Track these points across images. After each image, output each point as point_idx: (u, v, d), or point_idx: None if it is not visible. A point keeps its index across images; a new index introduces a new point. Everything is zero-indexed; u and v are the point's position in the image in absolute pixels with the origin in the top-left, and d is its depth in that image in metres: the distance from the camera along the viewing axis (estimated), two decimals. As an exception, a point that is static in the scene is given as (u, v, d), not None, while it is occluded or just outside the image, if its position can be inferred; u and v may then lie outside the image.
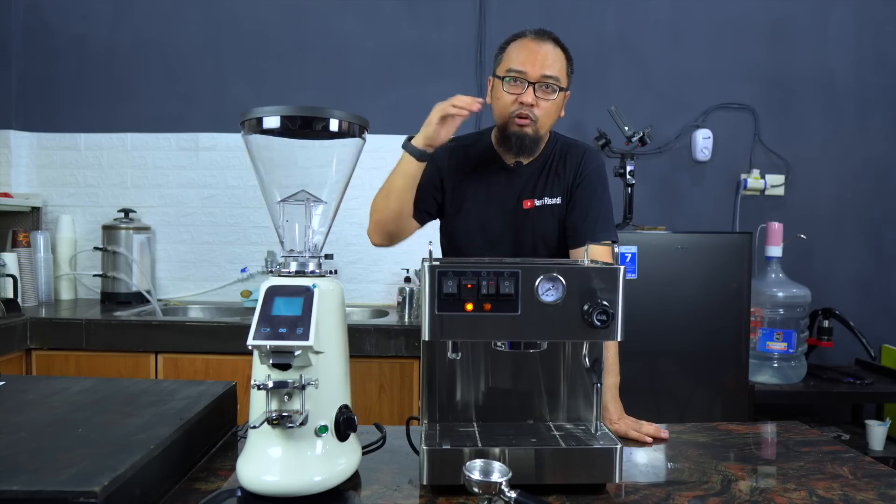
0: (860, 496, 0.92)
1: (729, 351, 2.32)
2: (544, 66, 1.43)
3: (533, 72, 1.43)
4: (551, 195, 1.55)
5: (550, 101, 1.46)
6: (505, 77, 1.47)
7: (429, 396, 1.04)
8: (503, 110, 1.48)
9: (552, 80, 1.44)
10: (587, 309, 0.90)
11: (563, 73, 1.48)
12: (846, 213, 2.91)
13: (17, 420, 0.92)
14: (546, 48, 1.45)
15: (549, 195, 1.55)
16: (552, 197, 1.55)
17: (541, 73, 1.43)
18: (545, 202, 1.54)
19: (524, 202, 1.54)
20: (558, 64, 1.46)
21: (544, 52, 1.45)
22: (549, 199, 1.55)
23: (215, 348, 2.18)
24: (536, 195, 1.55)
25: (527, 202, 1.55)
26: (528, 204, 1.54)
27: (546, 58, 1.44)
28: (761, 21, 2.87)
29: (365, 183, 2.81)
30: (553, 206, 1.54)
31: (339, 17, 2.86)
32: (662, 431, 1.21)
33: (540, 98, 1.45)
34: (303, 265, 0.93)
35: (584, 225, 1.52)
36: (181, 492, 0.89)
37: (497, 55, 1.53)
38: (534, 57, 1.44)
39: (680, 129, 2.88)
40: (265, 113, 0.90)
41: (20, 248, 2.59)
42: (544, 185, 1.55)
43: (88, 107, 2.88)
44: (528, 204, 1.54)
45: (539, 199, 1.55)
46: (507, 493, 0.78)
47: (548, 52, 1.45)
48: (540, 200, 1.54)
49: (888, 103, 2.90)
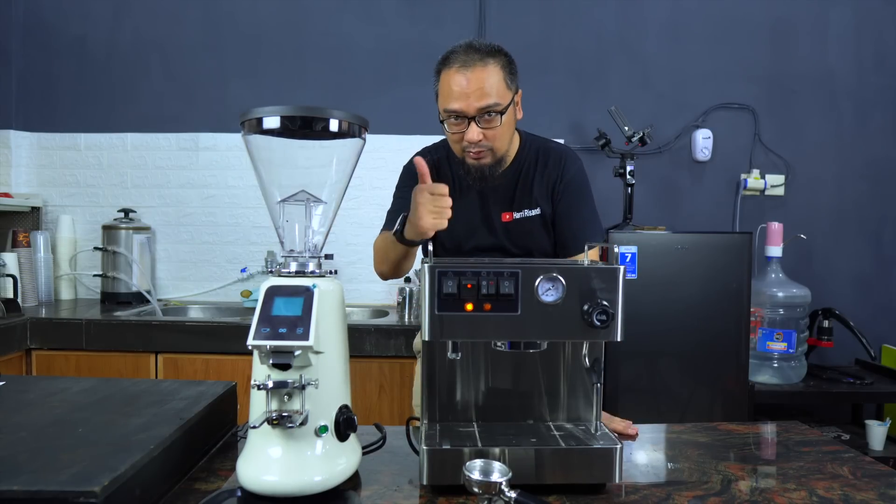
0: (860, 496, 0.92)
1: (729, 351, 2.32)
2: (480, 97, 1.34)
3: (469, 108, 1.35)
4: (530, 206, 1.50)
5: (497, 127, 1.39)
6: (444, 119, 1.41)
7: (429, 396, 1.04)
8: (455, 146, 1.45)
9: (492, 107, 1.36)
10: (587, 309, 0.90)
11: (503, 88, 1.38)
12: (846, 213, 2.91)
13: (17, 420, 0.92)
14: (475, 75, 1.34)
15: (528, 206, 1.50)
16: (531, 208, 1.50)
17: (477, 107, 1.35)
18: (525, 214, 1.50)
19: (502, 215, 1.51)
20: (494, 85, 1.36)
21: (475, 80, 1.34)
22: (529, 211, 1.50)
23: (215, 348, 2.18)
24: (515, 208, 1.51)
25: (505, 215, 1.51)
26: (506, 217, 1.51)
27: (478, 88, 1.34)
28: (761, 21, 2.87)
29: (365, 183, 2.82)
30: (533, 217, 1.50)
31: (339, 17, 2.86)
32: (631, 428, 1.21)
33: (485, 129, 1.38)
34: (303, 265, 0.93)
35: (570, 235, 1.49)
36: (181, 492, 0.89)
37: (434, 81, 1.44)
38: (465, 92, 1.34)
39: (680, 129, 2.88)
40: (265, 113, 0.90)
41: (20, 248, 2.60)
42: (521, 197, 1.51)
43: (88, 107, 2.88)
44: (507, 217, 1.51)
45: (518, 212, 1.51)
46: (507, 493, 0.78)
47: (478, 78, 1.34)
48: (519, 213, 1.50)
49: (888, 103, 2.90)
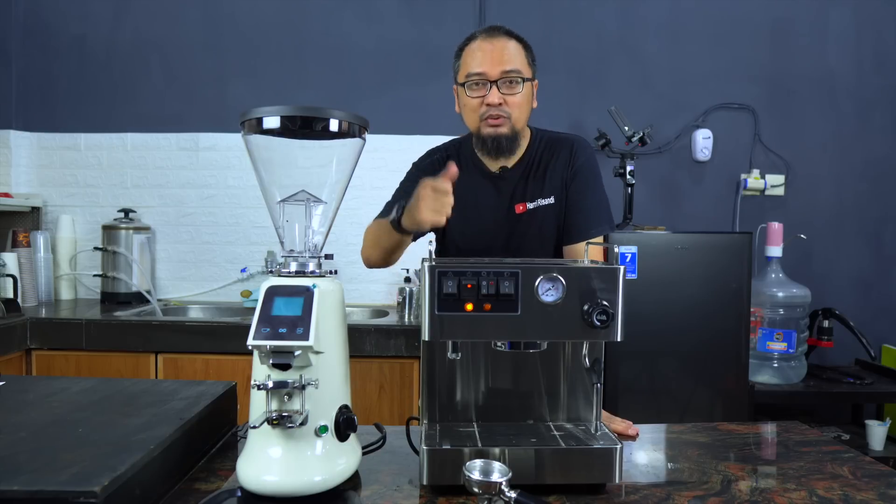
0: (860, 496, 0.92)
1: (729, 351, 2.32)
2: (502, 62, 1.39)
3: (492, 70, 1.39)
4: (543, 195, 1.49)
5: (518, 95, 1.41)
6: (465, 83, 1.43)
7: (429, 396, 1.04)
8: (472, 115, 1.44)
9: (514, 73, 1.40)
10: (587, 309, 0.90)
11: (524, 63, 1.43)
12: (846, 213, 2.91)
13: (17, 420, 0.92)
14: (500, 44, 1.41)
15: (542, 196, 1.49)
16: (545, 197, 1.49)
17: (500, 70, 1.39)
18: (539, 203, 1.49)
19: (516, 206, 1.49)
20: (517, 56, 1.41)
21: (499, 48, 1.40)
22: (543, 200, 1.49)
23: (215, 348, 2.18)
24: (528, 198, 1.49)
25: (519, 206, 1.49)
26: (520, 208, 1.49)
27: (502, 53, 1.40)
28: (761, 21, 2.87)
29: (365, 183, 2.82)
30: (548, 206, 1.49)
31: (339, 17, 2.86)
32: (632, 429, 1.20)
33: (506, 94, 1.40)
34: (303, 265, 0.93)
35: (576, 221, 1.48)
36: (181, 492, 0.89)
37: (454, 63, 1.50)
38: (489, 56, 1.40)
39: (680, 129, 2.88)
40: (265, 113, 0.90)
41: (20, 248, 2.60)
42: (535, 187, 1.50)
43: (88, 107, 2.88)
44: (521, 208, 1.49)
45: (532, 202, 1.49)
46: (507, 493, 0.78)
47: (503, 47, 1.41)
48: (533, 203, 1.49)
49: (888, 103, 2.90)
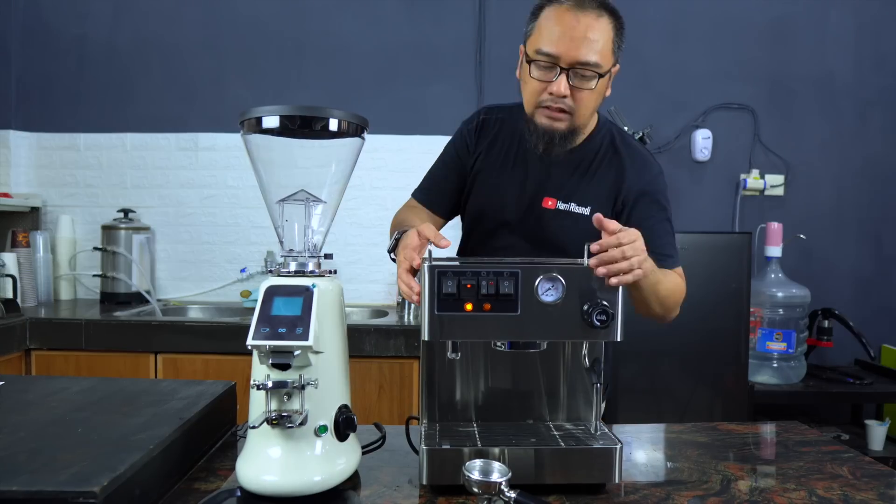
0: (860, 496, 0.92)
1: (729, 351, 2.32)
2: (581, 48, 1.15)
3: (567, 55, 1.16)
4: (581, 202, 1.29)
5: (589, 90, 1.19)
6: (533, 60, 1.20)
7: (428, 396, 1.04)
8: (531, 97, 1.23)
9: (591, 66, 1.17)
10: (587, 309, 0.90)
11: (609, 49, 1.19)
12: (846, 213, 2.91)
13: (16, 420, 0.92)
14: (587, 22, 1.15)
15: (579, 202, 1.29)
16: (581, 205, 1.29)
17: (576, 58, 1.16)
18: (570, 209, 1.29)
19: (545, 199, 1.31)
20: (602, 39, 1.17)
21: (583, 28, 1.15)
22: (577, 207, 1.29)
23: (215, 348, 2.18)
24: (562, 197, 1.30)
25: (548, 200, 1.30)
26: (549, 203, 1.30)
27: (585, 37, 1.15)
28: (761, 21, 2.87)
29: (364, 183, 2.82)
30: (579, 215, 1.29)
31: (339, 17, 2.86)
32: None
33: (575, 87, 1.19)
34: (302, 265, 0.93)
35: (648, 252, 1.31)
36: (181, 492, 0.89)
37: (529, 21, 1.24)
38: (569, 36, 1.15)
39: (679, 129, 2.88)
40: (264, 112, 0.90)
41: (20, 249, 2.59)
42: (576, 188, 1.30)
43: (88, 107, 2.87)
44: (550, 203, 1.30)
45: (564, 203, 1.30)
46: (507, 493, 0.78)
47: (588, 27, 1.15)
48: (566, 204, 1.30)
49: (888, 103, 2.90)
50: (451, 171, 1.42)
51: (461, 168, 1.40)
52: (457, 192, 1.42)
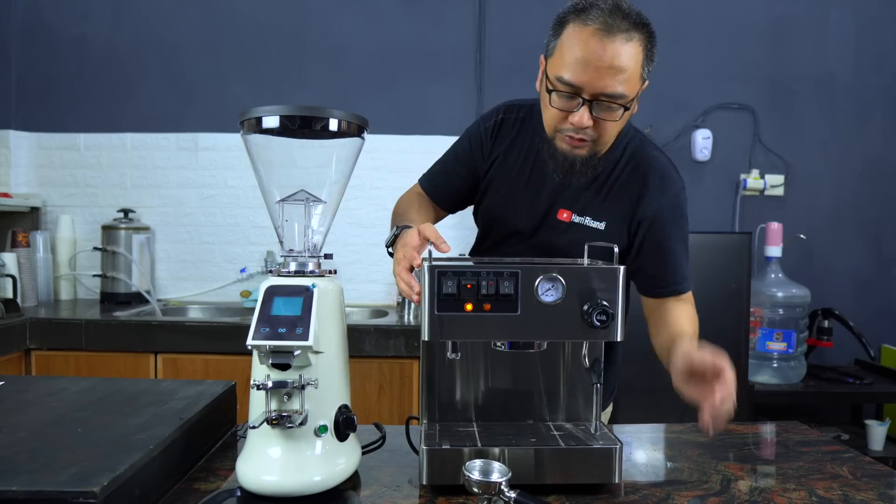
0: (860, 496, 0.92)
1: (729, 351, 2.26)
2: (607, 80, 1.07)
3: (590, 86, 1.08)
4: (596, 217, 1.25)
5: (613, 123, 1.13)
6: (554, 89, 1.11)
7: (428, 396, 1.04)
8: (550, 122, 1.16)
9: (616, 97, 1.09)
10: (587, 309, 0.90)
11: (636, 77, 1.10)
12: (846, 213, 2.91)
13: (16, 420, 0.92)
14: (613, 50, 1.05)
15: (594, 216, 1.25)
16: (596, 220, 1.25)
17: (599, 90, 1.08)
18: (585, 222, 1.25)
19: (560, 211, 1.26)
20: (629, 70, 1.08)
21: (610, 56, 1.05)
22: (592, 222, 1.25)
23: (215, 348, 2.18)
24: (577, 209, 1.26)
25: (563, 212, 1.26)
26: (563, 215, 1.26)
27: (611, 66, 1.06)
28: (760, 21, 2.87)
29: (364, 183, 2.82)
30: (593, 229, 1.25)
31: (339, 17, 2.86)
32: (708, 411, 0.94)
33: (598, 117, 1.11)
34: (302, 265, 0.93)
35: (664, 273, 1.27)
36: (181, 492, 0.89)
37: (551, 34, 1.14)
38: (594, 66, 1.06)
39: (679, 129, 2.88)
40: (264, 112, 0.90)
41: (20, 249, 2.59)
42: (591, 201, 1.26)
43: (88, 107, 2.87)
44: (564, 215, 1.26)
45: (579, 216, 1.25)
46: (507, 493, 0.78)
47: (615, 55, 1.05)
48: (580, 217, 1.25)
49: (888, 103, 2.90)
50: (462, 166, 1.38)
51: (472, 165, 1.37)
52: (463, 187, 1.39)
